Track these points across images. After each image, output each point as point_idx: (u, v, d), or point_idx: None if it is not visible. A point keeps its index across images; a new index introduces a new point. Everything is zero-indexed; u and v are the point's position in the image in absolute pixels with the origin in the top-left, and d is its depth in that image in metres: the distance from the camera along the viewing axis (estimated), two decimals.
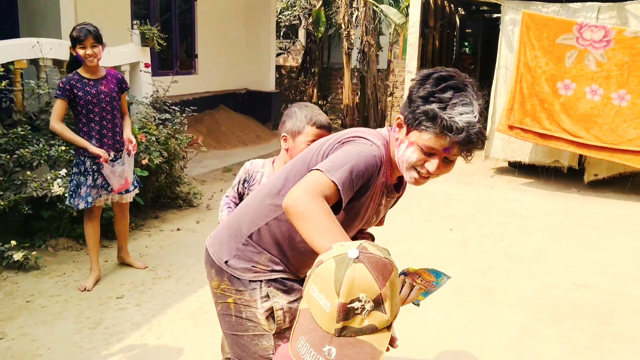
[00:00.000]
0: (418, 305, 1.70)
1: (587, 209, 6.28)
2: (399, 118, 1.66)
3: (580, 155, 7.15)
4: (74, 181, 3.78)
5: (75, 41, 3.64)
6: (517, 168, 7.70)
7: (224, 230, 1.84)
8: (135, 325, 3.35)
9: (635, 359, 3.20)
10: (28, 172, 4.21)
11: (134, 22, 6.29)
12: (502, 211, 6.05)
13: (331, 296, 1.12)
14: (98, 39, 3.67)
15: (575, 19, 6.79)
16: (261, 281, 1.74)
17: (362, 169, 1.57)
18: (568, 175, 7.40)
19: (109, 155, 3.78)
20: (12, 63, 4.74)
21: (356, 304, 1.11)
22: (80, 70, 3.77)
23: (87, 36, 3.60)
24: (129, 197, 4.06)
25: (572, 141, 6.74)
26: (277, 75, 11.48)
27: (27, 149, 4.28)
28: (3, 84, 4.51)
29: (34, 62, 4.99)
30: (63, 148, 4.39)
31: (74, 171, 3.81)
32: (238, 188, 2.50)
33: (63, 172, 4.18)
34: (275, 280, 1.75)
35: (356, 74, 11.65)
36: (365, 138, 1.67)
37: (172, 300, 3.69)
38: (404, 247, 4.59)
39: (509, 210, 6.11)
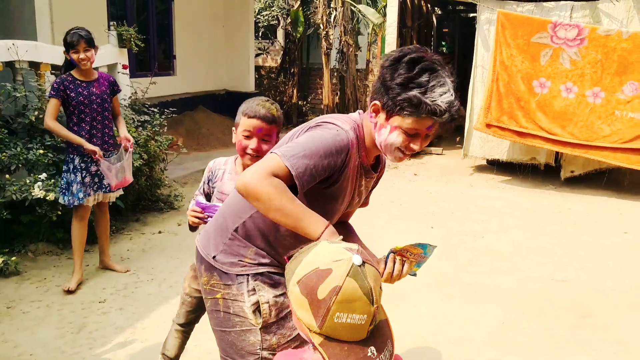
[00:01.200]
0: (415, 275, 1.78)
1: (564, 205, 6.40)
2: (375, 104, 1.67)
3: (557, 153, 7.28)
4: (64, 179, 3.84)
5: (69, 46, 3.75)
6: (495, 166, 7.82)
7: (212, 225, 1.87)
8: (119, 329, 3.33)
9: (615, 350, 3.28)
10: (7, 176, 4.15)
11: (111, 23, 6.23)
12: (481, 208, 6.14)
13: (366, 308, 1.15)
14: (90, 43, 3.76)
15: (550, 17, 6.91)
16: (248, 275, 1.76)
17: (322, 154, 1.59)
18: (545, 172, 7.53)
19: None
20: None
21: (379, 303, 1.20)
22: (73, 72, 3.86)
23: (79, 41, 3.71)
24: (112, 197, 4.08)
25: (548, 139, 6.86)
26: (257, 76, 11.46)
27: (4, 153, 4.21)
28: None
29: (9, 64, 4.90)
30: (41, 152, 4.34)
31: (64, 169, 3.87)
32: (204, 188, 2.47)
33: (43, 175, 4.13)
34: (262, 274, 1.77)
35: (335, 74, 11.70)
36: (332, 123, 1.69)
37: (155, 304, 3.68)
38: (386, 245, 4.61)
39: (488, 207, 6.20)
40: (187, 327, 2.68)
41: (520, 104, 6.93)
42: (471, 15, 10.85)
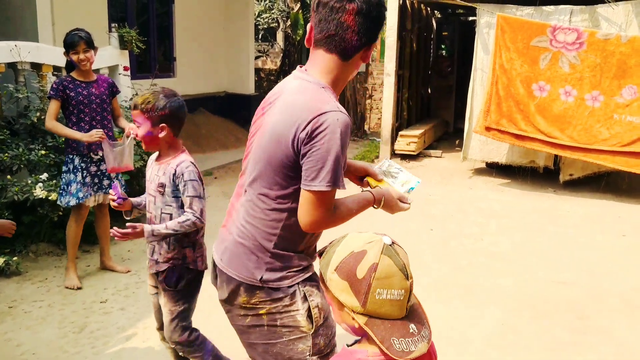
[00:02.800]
0: (409, 192, 2.12)
1: (563, 207, 6.43)
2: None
3: (556, 156, 7.31)
4: (64, 179, 3.87)
5: (69, 47, 3.79)
6: (495, 169, 7.84)
7: (240, 249, 1.79)
8: (121, 329, 3.34)
9: (613, 351, 3.30)
10: (8, 177, 4.16)
11: (112, 25, 6.25)
12: (481, 211, 6.16)
13: (402, 283, 1.23)
14: (89, 44, 3.81)
15: (549, 21, 6.95)
16: (298, 283, 1.78)
17: (343, 152, 1.67)
18: (544, 175, 7.56)
19: (97, 155, 3.89)
20: None
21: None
22: (73, 73, 3.90)
23: (79, 42, 3.75)
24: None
25: (547, 142, 6.89)
26: (256, 78, 11.47)
27: (6, 154, 4.24)
28: None
29: (11, 65, 4.93)
30: (43, 152, 4.36)
31: (63, 170, 3.90)
32: None
33: (44, 176, 4.15)
34: (309, 278, 1.81)
35: None
36: (331, 112, 1.63)
37: None
38: None
39: (488, 210, 6.22)
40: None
41: (520, 107, 6.95)
42: (471, 18, 10.91)
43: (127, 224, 2.33)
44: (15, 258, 4.06)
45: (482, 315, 3.72)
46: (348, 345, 1.39)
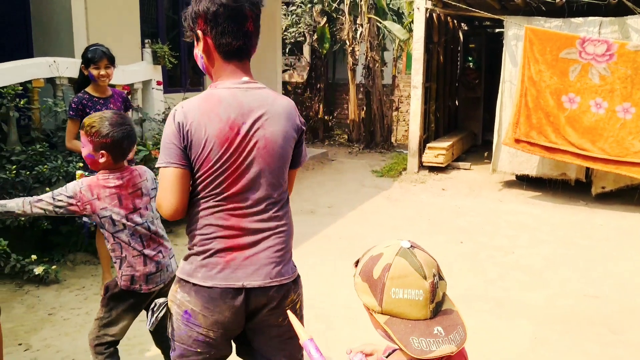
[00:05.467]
0: None
1: (595, 220, 6.34)
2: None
3: (587, 168, 7.22)
4: None
5: (90, 62, 3.78)
6: (525, 181, 7.78)
7: (286, 256, 1.89)
8: None
9: None
10: (47, 188, 4.30)
11: (146, 41, 6.43)
12: (511, 224, 6.11)
13: (420, 283, 1.23)
14: (111, 61, 3.82)
15: (578, 33, 6.90)
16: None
17: None
18: (575, 188, 7.46)
19: None
20: (30, 82, 4.88)
21: (435, 279, 1.25)
22: (89, 90, 3.88)
23: (101, 58, 3.76)
24: None
25: (578, 154, 6.81)
26: (283, 92, 11.60)
27: (45, 166, 4.38)
28: (22, 103, 4.64)
29: (50, 80, 5.11)
30: (80, 165, 4.49)
31: None
32: None
33: None
34: None
35: (361, 89, 11.79)
36: None
37: None
38: None
39: (518, 222, 6.17)
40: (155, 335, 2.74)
41: (550, 119, 6.90)
42: (497, 30, 10.88)
43: None
44: (54, 267, 4.19)
45: (513, 328, 3.69)
46: (386, 357, 1.42)
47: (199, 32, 1.82)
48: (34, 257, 4.12)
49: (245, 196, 1.79)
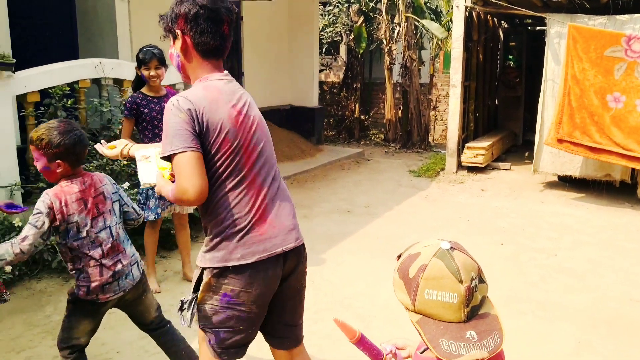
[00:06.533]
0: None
1: None
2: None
3: (633, 169, 6.99)
4: (143, 194, 3.97)
5: (141, 63, 3.90)
6: (568, 182, 7.58)
7: (294, 214, 2.14)
8: (197, 332, 3.46)
9: None
10: None
11: None
12: (553, 225, 5.98)
13: (455, 287, 1.22)
14: (162, 62, 3.91)
15: (623, 31, 6.70)
16: None
17: None
18: (620, 190, 7.24)
19: None
20: (76, 82, 5.04)
21: (473, 283, 1.23)
22: (143, 89, 4.01)
23: (151, 59, 3.86)
24: (189, 208, 4.23)
25: (623, 155, 6.61)
26: (319, 91, 11.63)
27: (91, 164, 4.51)
28: (69, 102, 4.79)
29: (96, 81, 5.27)
30: (125, 163, 4.61)
31: None
32: None
33: (126, 185, 4.39)
34: None
35: (398, 88, 11.72)
36: None
37: None
38: None
39: (561, 224, 6.03)
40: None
41: (594, 119, 6.72)
42: (539, 28, 10.65)
43: None
44: None
45: (556, 331, 3.62)
46: (420, 353, 1.42)
47: (178, 32, 1.97)
48: None
49: (259, 170, 1.99)
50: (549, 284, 4.41)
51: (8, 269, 3.86)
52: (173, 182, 2.02)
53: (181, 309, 2.08)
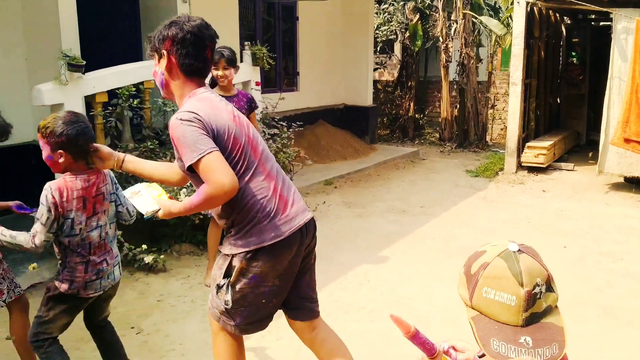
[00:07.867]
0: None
1: None
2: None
3: None
4: None
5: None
6: (635, 183, 7.25)
7: (298, 191, 2.37)
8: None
9: None
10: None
11: (245, 43, 6.66)
12: (619, 228, 5.73)
13: (514, 289, 1.19)
14: (230, 62, 3.99)
15: None
16: None
17: None
18: None
19: None
20: (141, 83, 5.21)
21: (537, 289, 1.20)
22: (215, 89, 4.10)
23: (220, 59, 3.94)
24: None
25: None
26: (374, 90, 11.58)
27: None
28: (135, 103, 4.97)
29: None
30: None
31: None
32: None
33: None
34: None
35: (454, 86, 11.52)
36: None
37: None
38: None
39: (627, 227, 5.78)
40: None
41: None
42: (603, 24, 10.21)
43: None
44: (162, 256, 4.46)
45: (624, 337, 3.47)
46: (479, 357, 1.39)
47: (164, 52, 2.17)
48: (144, 246, 4.41)
49: (265, 159, 2.23)
50: (615, 288, 4.24)
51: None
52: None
53: (218, 292, 2.26)
